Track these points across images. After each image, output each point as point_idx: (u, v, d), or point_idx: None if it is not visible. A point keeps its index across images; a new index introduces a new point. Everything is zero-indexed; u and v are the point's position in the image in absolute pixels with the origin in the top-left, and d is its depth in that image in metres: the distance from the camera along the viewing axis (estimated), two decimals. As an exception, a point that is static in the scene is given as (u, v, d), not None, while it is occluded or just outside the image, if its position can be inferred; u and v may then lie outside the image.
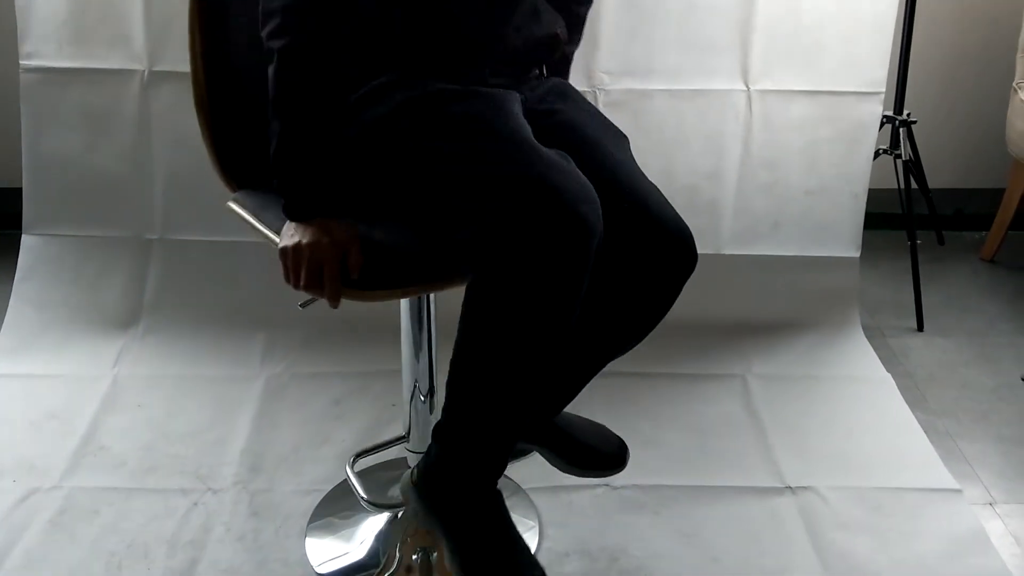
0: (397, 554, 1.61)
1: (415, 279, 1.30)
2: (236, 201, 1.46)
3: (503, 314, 1.18)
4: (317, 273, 1.23)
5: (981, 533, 1.70)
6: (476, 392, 1.25)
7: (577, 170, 1.19)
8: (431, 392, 1.57)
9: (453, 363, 1.25)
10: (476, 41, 1.30)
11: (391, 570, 1.57)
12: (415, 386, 1.56)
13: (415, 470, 1.36)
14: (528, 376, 1.23)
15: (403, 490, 1.39)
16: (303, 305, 1.33)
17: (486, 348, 1.21)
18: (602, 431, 1.54)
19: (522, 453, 1.54)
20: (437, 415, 1.51)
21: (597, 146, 1.33)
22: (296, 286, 1.25)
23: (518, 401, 1.26)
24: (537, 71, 1.41)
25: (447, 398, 1.28)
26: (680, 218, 1.31)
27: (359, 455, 1.61)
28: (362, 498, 1.55)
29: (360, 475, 1.60)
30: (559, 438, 1.50)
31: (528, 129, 1.25)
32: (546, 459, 1.53)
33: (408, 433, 1.60)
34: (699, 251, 1.38)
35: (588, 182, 1.17)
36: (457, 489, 1.32)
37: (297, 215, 1.25)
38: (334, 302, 1.25)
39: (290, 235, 1.25)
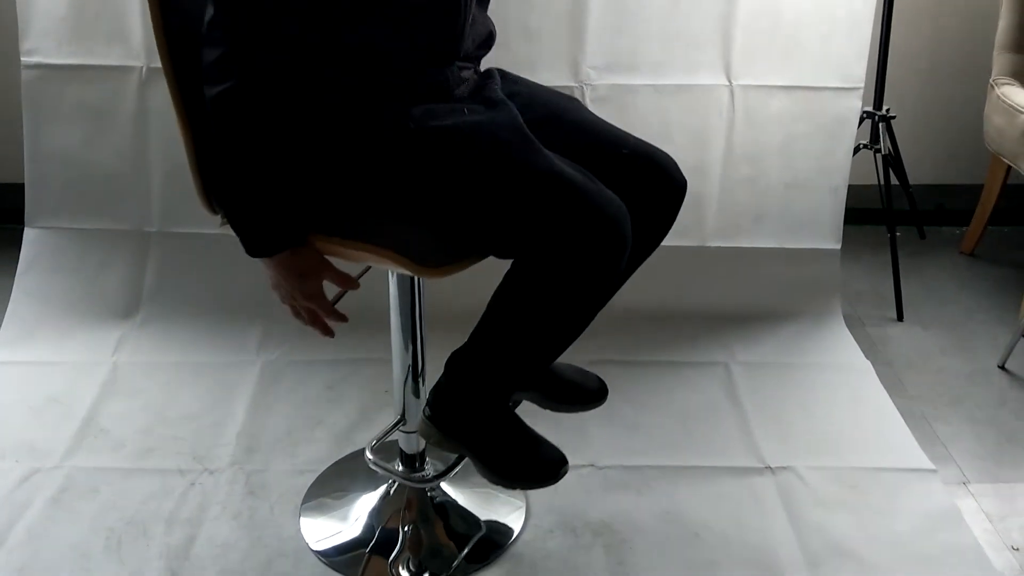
0: (399, 529, 1.66)
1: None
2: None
3: (543, 302, 1.31)
4: (308, 311, 1.38)
5: (954, 511, 1.74)
6: (504, 345, 1.39)
7: (604, 187, 1.30)
8: (421, 376, 1.62)
9: (487, 318, 1.37)
10: (440, 52, 1.37)
11: (396, 547, 1.64)
12: (408, 372, 1.61)
13: (426, 407, 1.48)
14: (556, 336, 1.39)
15: (420, 429, 1.50)
16: (333, 301, 1.41)
17: (522, 321, 1.35)
18: (582, 371, 1.64)
19: (514, 404, 1.60)
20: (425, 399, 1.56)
21: (570, 114, 1.48)
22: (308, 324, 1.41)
23: (540, 350, 1.41)
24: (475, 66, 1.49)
25: (474, 336, 1.40)
26: (664, 152, 1.47)
27: (376, 441, 1.66)
28: (397, 473, 1.66)
29: (356, 456, 1.64)
30: (547, 380, 1.60)
31: (546, 153, 1.32)
32: (533, 402, 1.61)
33: (403, 416, 1.65)
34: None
35: (617, 197, 1.29)
36: (472, 407, 1.44)
37: (257, 252, 1.33)
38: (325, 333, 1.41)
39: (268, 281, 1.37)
